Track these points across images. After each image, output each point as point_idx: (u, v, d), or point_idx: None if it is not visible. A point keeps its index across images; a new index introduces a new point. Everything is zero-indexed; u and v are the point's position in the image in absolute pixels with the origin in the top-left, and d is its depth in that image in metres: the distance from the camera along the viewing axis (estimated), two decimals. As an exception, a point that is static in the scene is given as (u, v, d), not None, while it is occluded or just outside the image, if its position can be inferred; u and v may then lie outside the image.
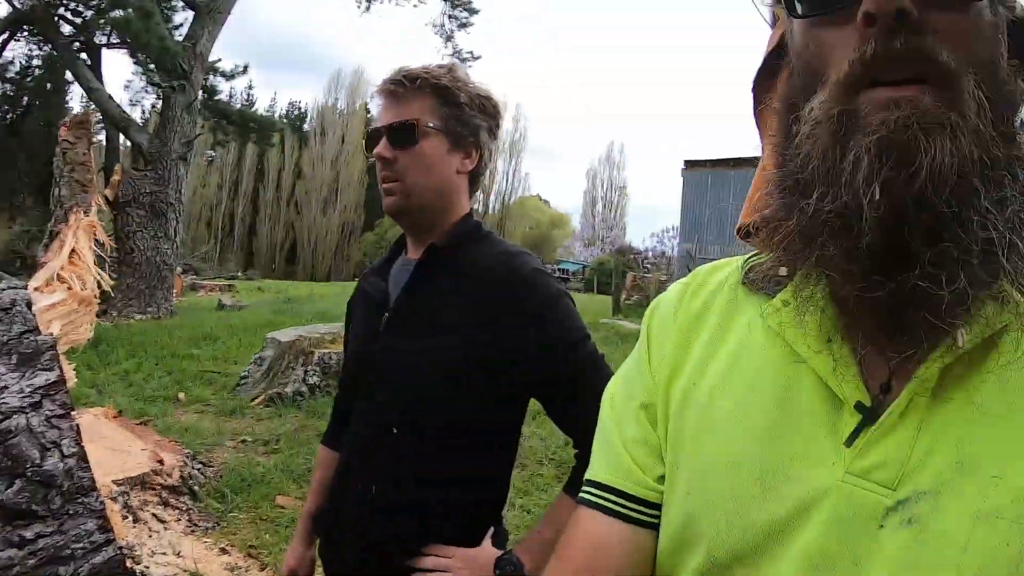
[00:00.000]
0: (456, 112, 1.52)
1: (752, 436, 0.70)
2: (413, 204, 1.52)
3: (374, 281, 1.66)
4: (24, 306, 2.37)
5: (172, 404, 6.84)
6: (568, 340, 1.44)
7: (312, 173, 61.91)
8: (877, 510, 0.60)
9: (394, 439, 1.47)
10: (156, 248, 13.77)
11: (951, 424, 0.60)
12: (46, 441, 2.12)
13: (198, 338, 10.30)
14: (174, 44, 14.16)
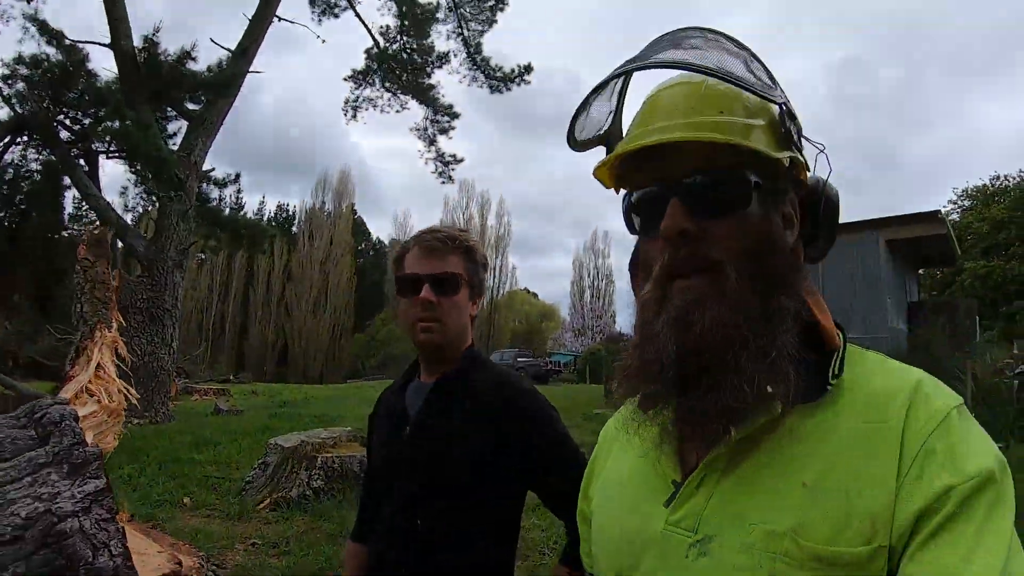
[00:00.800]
0: (475, 268, 1.90)
1: (623, 507, 1.03)
2: (445, 341, 1.85)
3: (394, 400, 1.97)
4: (72, 420, 2.58)
5: (178, 508, 6.86)
6: (554, 441, 1.80)
7: (301, 275, 62.05)
8: (683, 546, 0.89)
9: (420, 530, 1.75)
10: (153, 354, 13.87)
11: (730, 490, 0.88)
12: (97, 542, 2.28)
13: (198, 443, 10.28)
14: (170, 154, 14.47)
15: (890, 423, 0.82)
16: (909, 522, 0.76)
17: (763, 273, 0.88)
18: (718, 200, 0.90)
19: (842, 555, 0.78)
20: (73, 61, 14.95)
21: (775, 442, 0.87)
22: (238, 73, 16.01)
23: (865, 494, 0.79)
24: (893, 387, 0.86)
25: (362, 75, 20.41)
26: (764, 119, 0.93)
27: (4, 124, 15.44)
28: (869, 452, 0.81)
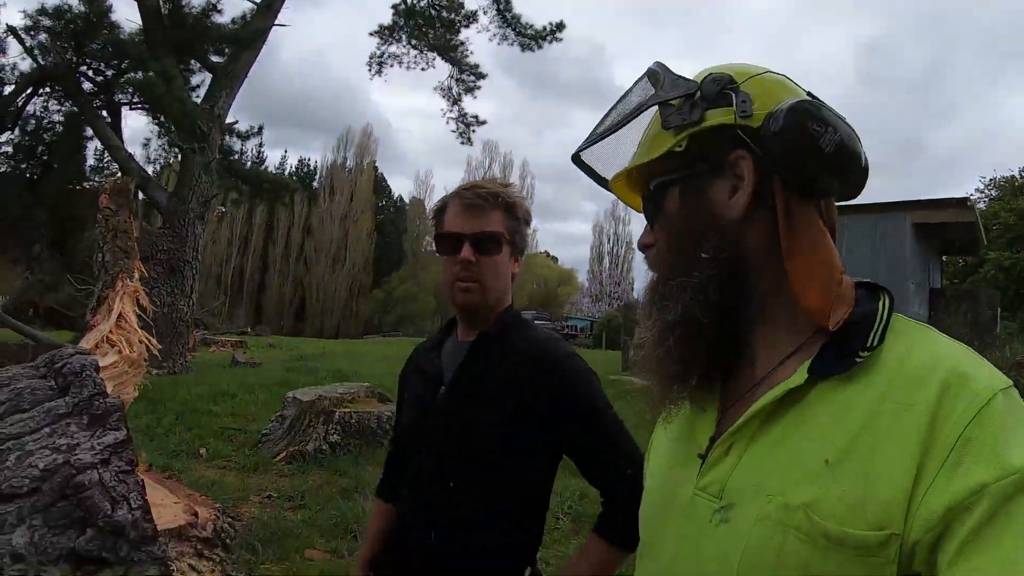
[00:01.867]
0: (516, 225, 1.83)
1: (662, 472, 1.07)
2: (485, 302, 1.80)
3: (429, 357, 1.92)
4: (93, 371, 2.56)
5: (194, 459, 6.94)
6: (595, 407, 1.73)
7: (321, 230, 62.31)
8: (708, 512, 0.90)
9: (452, 491, 1.72)
10: (173, 305, 13.94)
11: (754, 459, 0.88)
12: (116, 494, 2.27)
13: (216, 394, 10.37)
14: (193, 106, 14.48)
15: (919, 406, 0.78)
16: (937, 516, 0.72)
17: (674, 261, 0.98)
18: (649, 213, 1.05)
19: (851, 536, 0.76)
20: (96, 12, 14.92)
21: (801, 413, 0.86)
22: (263, 27, 15.86)
23: (884, 479, 0.76)
24: (928, 365, 0.81)
25: (388, 31, 20.08)
26: (658, 123, 1.00)
27: (26, 75, 15.52)
28: (894, 435, 0.78)
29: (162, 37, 14.73)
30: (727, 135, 0.93)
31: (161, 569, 2.34)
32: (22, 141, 17.33)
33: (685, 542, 0.93)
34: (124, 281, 5.14)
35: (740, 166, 0.93)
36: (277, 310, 61.11)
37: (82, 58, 15.47)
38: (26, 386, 2.46)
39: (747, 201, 0.93)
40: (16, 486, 2.08)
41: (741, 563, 0.83)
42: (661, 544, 0.99)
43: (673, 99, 0.95)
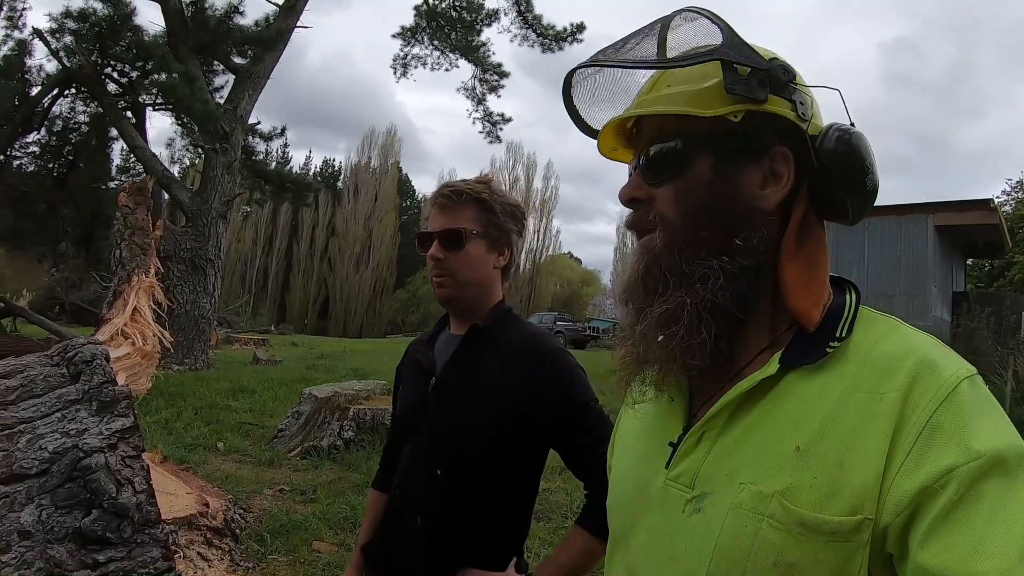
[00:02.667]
0: (493, 219, 1.87)
1: (632, 461, 1.07)
2: (459, 294, 1.87)
3: (423, 351, 1.99)
4: (103, 360, 2.65)
5: (211, 452, 7.04)
6: (581, 400, 1.77)
7: (345, 230, 62.59)
8: (681, 502, 0.91)
9: (438, 479, 1.78)
10: (195, 302, 14.14)
11: (726, 448, 0.89)
12: (121, 478, 2.35)
13: (235, 390, 10.51)
14: (216, 107, 14.64)
15: (891, 393, 0.80)
16: (908, 499, 0.75)
17: (693, 237, 0.92)
18: (657, 168, 0.96)
19: (826, 522, 0.77)
20: (120, 15, 15.06)
21: (772, 402, 0.88)
22: (285, 28, 16.05)
23: (857, 465, 0.78)
24: (898, 354, 0.84)
25: (411, 32, 20.25)
26: (717, 78, 0.92)
27: (52, 77, 15.72)
28: (865, 422, 0.80)
29: (185, 39, 14.95)
30: (780, 127, 0.92)
31: (163, 550, 2.41)
32: (49, 141, 17.64)
33: (657, 533, 0.94)
34: (140, 277, 5.29)
35: (780, 161, 0.93)
36: (301, 309, 61.47)
37: (107, 60, 15.67)
38: (39, 373, 2.55)
39: (780, 199, 0.93)
40: (26, 467, 2.17)
41: (715, 552, 0.84)
42: (633, 535, 0.99)
43: (739, 63, 0.90)
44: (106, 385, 2.56)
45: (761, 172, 0.93)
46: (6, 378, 2.45)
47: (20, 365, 2.57)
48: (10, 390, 2.40)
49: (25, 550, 2.02)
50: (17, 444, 2.23)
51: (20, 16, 16.57)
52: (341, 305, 61.58)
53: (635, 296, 0.96)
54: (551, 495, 6.02)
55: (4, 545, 2.00)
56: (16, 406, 2.37)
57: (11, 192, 16.89)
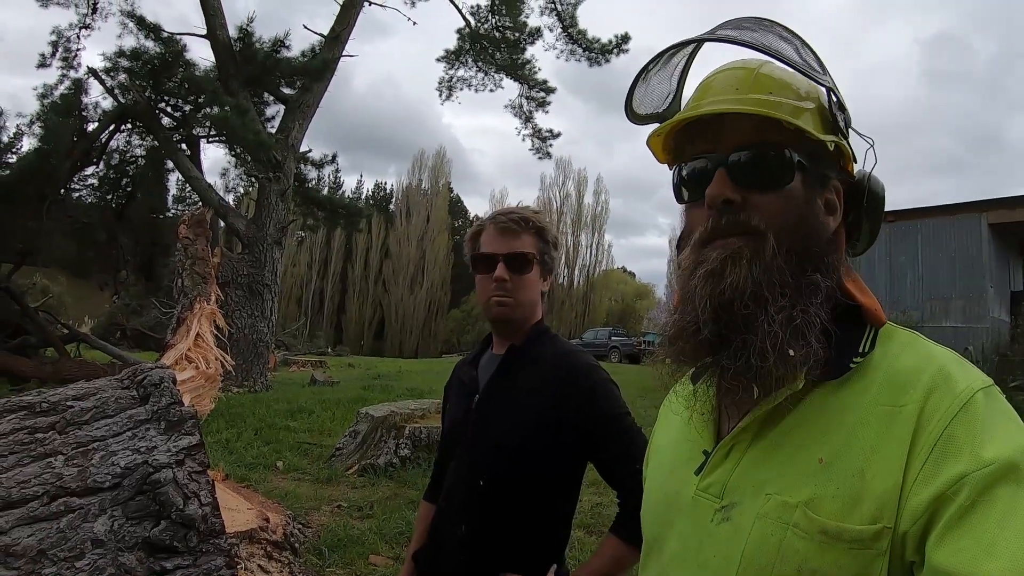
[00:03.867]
0: (546, 248, 2.02)
1: (664, 473, 1.12)
2: (516, 315, 2.00)
3: (467, 370, 2.12)
4: (170, 382, 2.80)
5: (271, 471, 7.21)
6: (611, 414, 1.86)
7: (399, 252, 63.09)
8: (710, 511, 0.95)
9: (480, 490, 1.89)
10: (253, 326, 14.48)
11: (754, 460, 0.93)
12: (188, 491, 2.48)
13: (293, 411, 10.67)
14: (268, 137, 15.00)
15: (908, 406, 0.83)
16: (923, 507, 0.77)
17: (800, 248, 0.93)
18: (762, 174, 0.96)
19: (847, 531, 0.81)
20: (171, 52, 15.57)
21: (798, 416, 0.91)
22: (331, 58, 16.42)
23: (878, 475, 0.81)
24: (916, 368, 0.87)
25: (455, 55, 20.52)
26: (813, 103, 0.98)
27: (109, 113, 16.21)
28: (885, 433, 0.83)
29: (235, 72, 15.45)
30: (840, 162, 1.00)
31: (226, 559, 2.52)
32: (107, 174, 18.20)
33: (688, 540, 0.98)
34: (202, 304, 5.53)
35: (834, 193, 1.00)
36: (357, 331, 62.01)
37: (160, 95, 16.16)
38: (111, 395, 2.69)
39: (835, 228, 1.00)
40: (100, 481, 2.32)
41: (742, 559, 0.88)
42: (665, 542, 1.04)
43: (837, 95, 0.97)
44: (173, 406, 2.67)
45: (824, 200, 0.99)
46: (80, 400, 2.60)
47: (93, 388, 2.72)
48: (84, 411, 2.55)
49: (98, 557, 2.17)
50: (91, 460, 2.37)
51: (75, 56, 17.19)
52: (396, 326, 61.98)
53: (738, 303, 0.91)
54: (604, 509, 6.06)
55: (78, 552, 2.15)
56: (90, 425, 2.51)
57: (72, 223, 17.45)
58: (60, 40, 17.06)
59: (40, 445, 2.37)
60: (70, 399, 2.60)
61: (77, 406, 2.58)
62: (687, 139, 1.03)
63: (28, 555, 2.09)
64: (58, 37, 17.06)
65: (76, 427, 2.48)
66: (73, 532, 2.18)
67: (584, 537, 5.40)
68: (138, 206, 19.15)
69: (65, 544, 2.15)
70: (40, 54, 16.92)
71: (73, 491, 2.27)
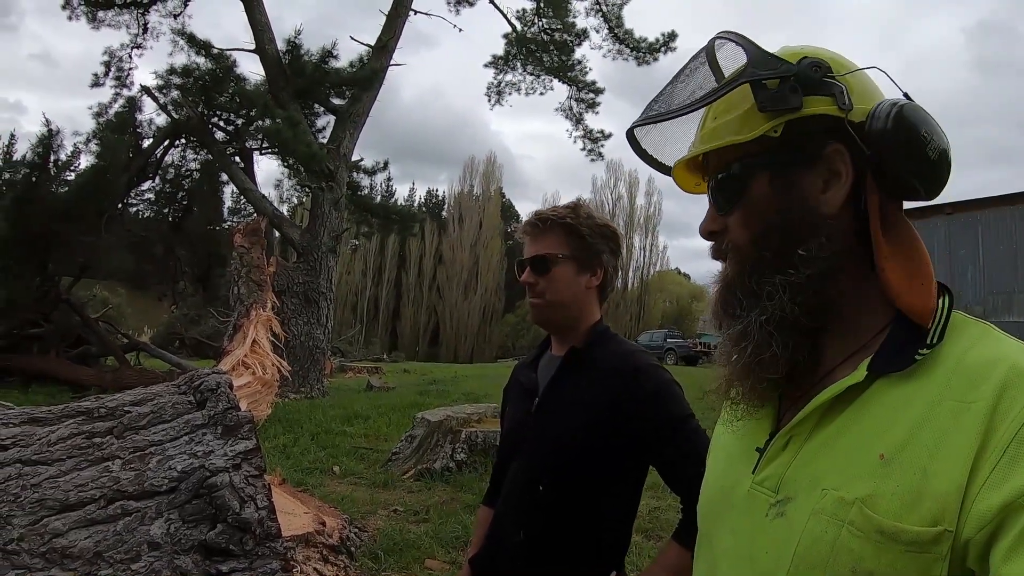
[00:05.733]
0: (580, 242, 1.95)
1: (720, 468, 1.09)
2: (551, 315, 1.97)
3: (526, 372, 2.08)
4: (227, 388, 2.84)
5: (327, 476, 7.28)
6: (675, 416, 1.80)
7: (452, 258, 63.48)
8: (765, 506, 0.91)
9: (540, 494, 1.85)
10: (309, 333, 14.68)
11: (811, 453, 0.89)
12: (244, 495, 2.50)
13: (350, 416, 10.79)
14: (319, 148, 15.23)
15: (978, 403, 0.77)
16: (991, 514, 0.72)
17: (756, 258, 0.95)
18: (727, 195, 0.98)
19: (904, 531, 0.76)
20: (222, 68, 16.02)
21: (858, 408, 0.86)
22: (379, 67, 16.61)
23: (940, 475, 0.76)
24: (988, 362, 0.80)
25: (502, 60, 20.62)
26: (749, 101, 0.93)
27: (163, 129, 16.76)
28: (951, 431, 0.77)
29: (285, 85, 15.71)
30: (825, 126, 0.91)
31: (282, 563, 2.54)
32: (163, 188, 18.81)
33: (740, 534, 0.95)
34: (258, 311, 5.61)
35: (835, 160, 0.92)
36: (412, 337, 62.52)
37: (212, 110, 16.61)
38: (168, 400, 2.74)
39: (843, 198, 0.92)
40: (157, 485, 2.35)
41: (794, 556, 0.84)
42: (718, 537, 1.01)
43: (767, 78, 0.90)
44: (230, 411, 2.71)
45: (820, 176, 0.92)
46: (138, 405, 2.64)
47: (151, 394, 2.76)
48: (142, 416, 2.59)
49: (154, 559, 2.19)
50: (148, 464, 2.41)
51: (128, 75, 17.76)
52: (451, 331, 62.31)
53: (716, 320, 1.00)
54: (662, 513, 6.00)
55: (134, 555, 2.18)
56: (148, 430, 2.55)
57: (131, 237, 18.03)
58: (113, 60, 17.66)
59: (98, 449, 2.41)
60: (127, 404, 2.64)
61: (135, 411, 2.62)
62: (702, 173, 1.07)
63: (85, 557, 2.11)
64: (111, 57, 17.65)
65: (133, 432, 2.52)
66: (130, 535, 2.21)
67: (642, 542, 5.33)
68: (194, 219, 19.70)
69: (121, 546, 2.17)
70: (93, 74, 17.57)
71: (130, 494, 2.30)
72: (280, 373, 5.42)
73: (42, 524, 2.13)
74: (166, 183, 18.70)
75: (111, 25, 17.34)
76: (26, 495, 2.18)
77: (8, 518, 2.10)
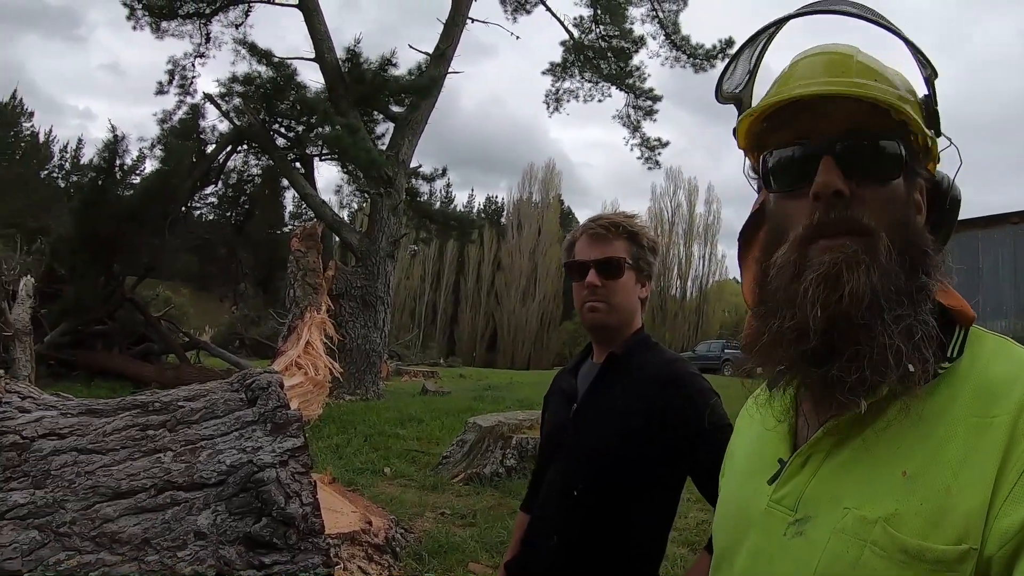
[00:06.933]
0: (640, 252, 1.98)
1: (737, 483, 1.07)
2: (610, 321, 1.97)
3: (567, 379, 2.11)
4: (278, 387, 2.92)
5: (378, 477, 7.38)
6: (713, 425, 1.78)
7: (511, 264, 63.58)
8: (783, 524, 0.90)
9: (575, 500, 1.86)
10: (366, 337, 14.92)
11: (832, 471, 0.87)
12: (290, 491, 2.58)
13: (403, 419, 10.88)
14: (378, 155, 15.47)
15: (1000, 417, 0.77)
16: (1014, 530, 0.71)
17: (909, 248, 0.87)
18: (874, 165, 0.88)
19: (930, 550, 0.74)
20: (283, 76, 16.41)
21: (882, 426, 0.84)
22: (437, 75, 16.82)
23: (964, 492, 0.75)
24: (1009, 377, 0.80)
25: (560, 67, 20.69)
26: (912, 96, 0.92)
27: (225, 136, 17.31)
28: (974, 447, 0.77)
29: (344, 93, 16.04)
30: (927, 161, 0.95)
31: (323, 558, 2.61)
32: (225, 193, 19.48)
33: (759, 555, 0.93)
34: (312, 313, 5.75)
35: (919, 192, 0.94)
36: (469, 342, 62.75)
37: (273, 117, 17.01)
38: (221, 397, 2.84)
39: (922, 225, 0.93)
40: (206, 477, 2.45)
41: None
42: (735, 555, 0.98)
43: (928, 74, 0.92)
44: (280, 409, 2.79)
45: (914, 199, 0.93)
46: (191, 401, 2.75)
47: (204, 390, 2.87)
48: (194, 411, 2.69)
49: (199, 548, 2.28)
50: (199, 457, 2.51)
51: (191, 83, 18.44)
52: (509, 338, 62.31)
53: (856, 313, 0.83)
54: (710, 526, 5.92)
55: (181, 543, 2.27)
56: (199, 425, 2.66)
57: (194, 239, 18.64)
58: (176, 69, 18.35)
59: (151, 441, 2.52)
60: (181, 400, 2.75)
61: (188, 406, 2.72)
62: (774, 126, 0.95)
63: (133, 542, 2.22)
64: (174, 66, 18.34)
65: (186, 426, 2.63)
66: (177, 523, 2.30)
67: (688, 555, 5.28)
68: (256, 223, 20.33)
69: (169, 534, 2.27)
70: (158, 82, 18.27)
71: (179, 485, 2.40)
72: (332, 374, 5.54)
73: (94, 509, 2.25)
74: (229, 188, 19.30)
75: (175, 35, 17.99)
76: (80, 482, 2.29)
77: (62, 502, 2.21)
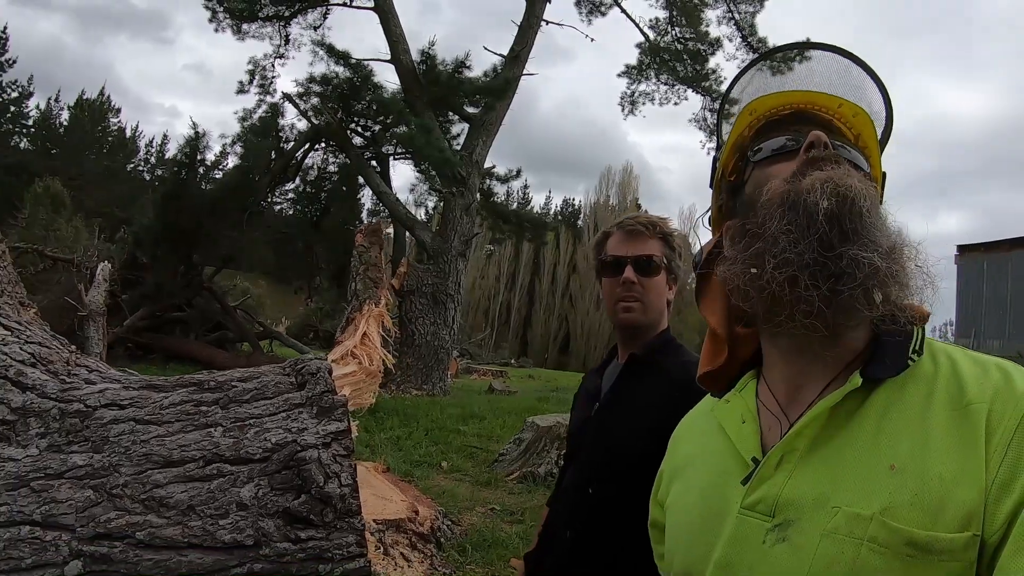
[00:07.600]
0: (671, 254, 2.01)
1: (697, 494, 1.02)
2: (643, 320, 1.98)
3: (592, 378, 2.16)
4: (326, 373, 3.07)
5: (435, 470, 7.51)
6: None
7: (586, 268, 63.33)
8: (760, 532, 0.85)
9: (590, 496, 1.90)
10: (435, 333, 15.14)
11: (811, 471, 0.84)
12: (330, 472, 2.70)
13: (466, 416, 11.05)
14: (452, 155, 15.76)
15: (976, 405, 0.79)
16: (1005, 517, 0.73)
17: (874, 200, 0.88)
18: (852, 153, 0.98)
19: (938, 539, 0.74)
20: (359, 77, 16.83)
21: (857, 420, 0.84)
22: (512, 77, 17.00)
23: (960, 480, 0.75)
24: (981, 366, 0.84)
25: (636, 70, 20.55)
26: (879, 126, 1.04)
27: (303, 134, 17.84)
28: (960, 438, 0.78)
29: (420, 94, 16.36)
30: None
31: (358, 538, 2.73)
32: (304, 189, 20.08)
33: (732, 569, 0.88)
34: (371, 306, 5.96)
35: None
36: (542, 343, 62.52)
37: (350, 117, 17.53)
38: (272, 380, 3.00)
39: None
40: (251, 453, 2.62)
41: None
42: (701, 572, 0.93)
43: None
44: (326, 394, 2.92)
45: None
46: (244, 382, 2.93)
47: (256, 372, 3.04)
48: (246, 391, 2.87)
49: (240, 519, 2.45)
50: (246, 434, 2.68)
51: (271, 84, 19.09)
52: (582, 341, 61.82)
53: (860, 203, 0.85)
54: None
55: (223, 512, 2.44)
56: (250, 404, 2.82)
57: (273, 234, 19.24)
58: (257, 69, 19.00)
59: (203, 416, 2.70)
60: (235, 380, 2.93)
61: (240, 387, 2.90)
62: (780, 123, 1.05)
63: (179, 508, 2.40)
64: (255, 66, 19.00)
65: (237, 404, 2.80)
66: (222, 494, 2.48)
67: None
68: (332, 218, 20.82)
69: (213, 503, 2.45)
70: (239, 82, 18.97)
71: (227, 459, 2.58)
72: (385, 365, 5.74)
73: (145, 475, 2.44)
74: (307, 184, 19.87)
75: (255, 37, 18.61)
76: (135, 449, 2.49)
77: (117, 467, 2.41)
